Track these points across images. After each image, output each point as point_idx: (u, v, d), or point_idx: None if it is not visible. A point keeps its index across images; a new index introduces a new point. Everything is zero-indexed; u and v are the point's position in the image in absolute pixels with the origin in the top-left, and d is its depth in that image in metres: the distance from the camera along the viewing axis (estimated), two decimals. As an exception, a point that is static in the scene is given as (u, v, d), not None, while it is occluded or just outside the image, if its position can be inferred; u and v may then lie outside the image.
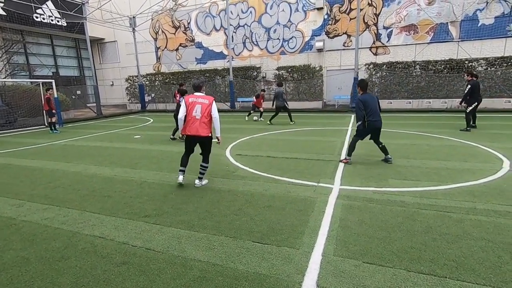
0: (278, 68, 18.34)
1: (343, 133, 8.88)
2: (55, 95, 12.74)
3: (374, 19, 16.70)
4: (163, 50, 22.34)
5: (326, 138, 8.22)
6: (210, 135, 4.46)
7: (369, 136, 5.70)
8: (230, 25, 18.89)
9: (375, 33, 16.82)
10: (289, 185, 4.50)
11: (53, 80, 13.21)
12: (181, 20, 21.25)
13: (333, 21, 17.51)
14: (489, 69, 14.18)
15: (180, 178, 4.57)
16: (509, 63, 13.82)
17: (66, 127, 13.45)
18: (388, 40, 16.64)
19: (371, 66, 16.35)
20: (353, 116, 13.34)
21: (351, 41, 17.10)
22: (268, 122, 11.48)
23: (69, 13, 17.31)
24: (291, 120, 11.45)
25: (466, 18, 15.08)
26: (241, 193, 4.24)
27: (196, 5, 20.35)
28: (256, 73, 19.20)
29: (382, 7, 16.40)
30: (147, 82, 22.00)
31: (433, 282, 2.24)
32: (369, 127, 5.54)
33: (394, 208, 3.57)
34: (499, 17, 14.62)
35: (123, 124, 13.65)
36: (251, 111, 13.47)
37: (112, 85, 24.90)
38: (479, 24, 14.96)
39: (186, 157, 4.68)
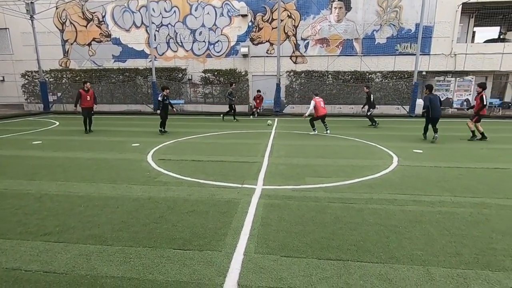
0: (205, 71, 18.19)
1: (267, 136, 9.34)
2: None
3: (293, 30, 18.10)
4: (72, 44, 19.69)
5: (251, 141, 8.50)
6: None
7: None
8: (152, 23, 17.88)
9: (294, 43, 18.22)
10: (214, 188, 4.49)
11: None
12: (94, 12, 19.11)
13: (257, 28, 18.30)
14: (383, 81, 16.89)
15: None
16: (398, 76, 16.73)
17: None
18: (306, 50, 18.25)
19: (292, 73, 17.63)
20: (276, 119, 14.17)
21: (273, 49, 18.13)
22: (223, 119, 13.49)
23: None
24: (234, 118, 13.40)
25: (366, 36, 17.65)
26: (163, 200, 4.04)
27: (112, -2, 18.63)
28: (181, 75, 18.63)
29: (300, 20, 17.91)
30: (51, 79, 19.02)
31: (338, 267, 2.55)
32: (432, 116, 8.08)
33: (309, 203, 3.92)
34: (390, 38, 17.59)
35: (18, 127, 11.47)
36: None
37: (3, 80, 20.73)
38: (375, 43, 17.70)
39: None
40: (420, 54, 15.85)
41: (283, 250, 2.80)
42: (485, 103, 8.32)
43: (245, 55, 18.40)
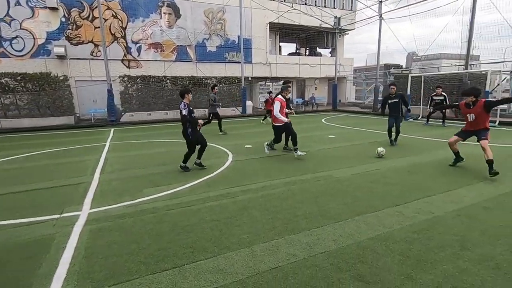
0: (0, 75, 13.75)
1: (99, 150, 8.14)
2: None
3: (121, 32, 16.65)
4: None
5: (77, 159, 7.15)
6: None
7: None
8: None
9: (124, 46, 16.82)
10: (19, 228, 3.44)
11: None
12: None
13: (74, 26, 15.62)
14: (218, 85, 18.42)
15: None
16: (230, 81, 18.69)
17: None
18: (139, 54, 17.25)
19: (126, 78, 16.22)
20: (112, 129, 12.63)
21: (99, 51, 16.04)
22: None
23: None
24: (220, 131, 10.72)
25: (198, 44, 18.65)
26: None
27: None
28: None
29: (128, 22, 16.70)
30: None
31: (174, 274, 2.51)
32: None
33: (146, 216, 3.68)
34: (219, 47, 19.37)
35: None
36: (266, 115, 13.75)
37: None
38: (207, 50, 19.03)
39: None
40: (244, 62, 18.33)
41: (112, 278, 2.48)
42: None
43: (61, 57, 15.31)
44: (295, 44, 27.70)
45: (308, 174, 5.38)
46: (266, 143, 7.25)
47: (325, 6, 22.83)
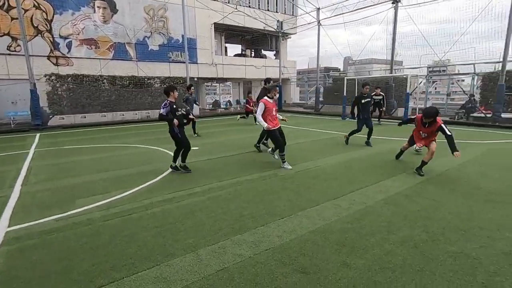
0: None
1: (21, 158, 7.14)
2: None
3: (46, 25, 14.84)
4: None
5: (-9, 169, 6.16)
6: None
7: None
8: None
9: (51, 41, 15.03)
10: None
11: None
12: None
13: (-16, 15, 13.41)
14: (162, 85, 17.63)
15: None
16: (175, 82, 18.02)
17: None
18: (69, 51, 15.58)
19: (54, 77, 14.52)
20: (38, 134, 11.19)
21: (19, 45, 14.06)
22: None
23: None
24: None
25: (138, 42, 17.59)
26: None
27: None
28: None
29: (54, 14, 14.96)
30: None
31: (111, 289, 2.34)
32: None
33: (79, 230, 3.35)
34: (162, 46, 18.55)
35: None
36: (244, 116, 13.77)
37: None
38: (149, 49, 18.07)
39: None
40: (190, 63, 17.89)
41: (36, 302, 2.20)
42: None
43: (-33, 51, 13.02)
44: (240, 46, 27.96)
45: (255, 173, 5.47)
46: (269, 150, 6.36)
47: (268, 10, 23.52)
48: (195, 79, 20.07)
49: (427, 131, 5.16)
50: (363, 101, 7.75)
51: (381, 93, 12.50)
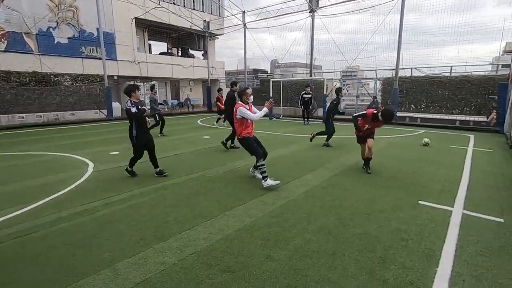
0: None
1: None
2: None
3: None
4: None
5: None
6: None
7: None
8: None
9: None
10: None
11: None
12: None
13: None
14: (74, 84, 15.60)
15: None
16: (90, 80, 16.14)
17: None
18: None
19: None
20: None
21: None
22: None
23: None
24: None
25: (41, 32, 15.18)
26: None
27: None
28: None
29: None
30: None
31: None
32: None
33: (-45, 260, 2.70)
34: (72, 39, 16.40)
35: None
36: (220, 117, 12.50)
37: None
38: (55, 42, 15.77)
39: None
40: (107, 59, 16.27)
41: None
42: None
43: None
44: (166, 44, 26.71)
45: (181, 176, 5.29)
46: (251, 168, 5.45)
47: (194, 9, 23.04)
48: (115, 77, 18.40)
49: (374, 126, 5.63)
50: (338, 105, 7.95)
51: (310, 91, 13.31)
